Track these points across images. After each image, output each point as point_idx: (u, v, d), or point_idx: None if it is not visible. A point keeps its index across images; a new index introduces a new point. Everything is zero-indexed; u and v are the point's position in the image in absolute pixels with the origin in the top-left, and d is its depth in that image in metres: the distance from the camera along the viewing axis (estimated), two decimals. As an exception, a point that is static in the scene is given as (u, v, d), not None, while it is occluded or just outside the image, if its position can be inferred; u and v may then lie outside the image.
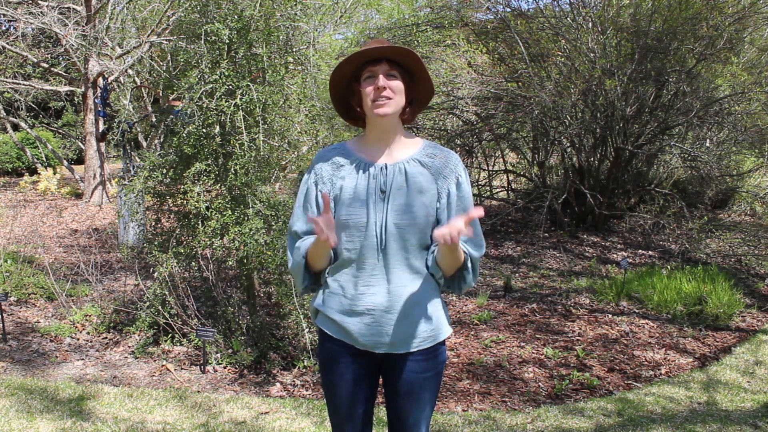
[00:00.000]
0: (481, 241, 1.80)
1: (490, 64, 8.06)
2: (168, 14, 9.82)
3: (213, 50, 3.69)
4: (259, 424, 3.21)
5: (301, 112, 3.98)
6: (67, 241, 7.72)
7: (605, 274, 6.21)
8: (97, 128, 11.05)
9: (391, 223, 1.74)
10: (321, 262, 1.80)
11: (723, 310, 4.86)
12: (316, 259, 1.79)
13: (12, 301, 5.07)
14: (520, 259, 6.94)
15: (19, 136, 15.41)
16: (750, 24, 7.14)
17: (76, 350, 4.22)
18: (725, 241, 7.48)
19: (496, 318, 5.01)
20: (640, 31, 6.76)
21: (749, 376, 3.91)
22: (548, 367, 4.05)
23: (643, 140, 7.55)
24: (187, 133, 3.72)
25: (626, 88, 6.93)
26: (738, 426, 3.21)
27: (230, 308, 4.09)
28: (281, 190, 4.93)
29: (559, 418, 3.32)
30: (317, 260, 1.79)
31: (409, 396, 1.83)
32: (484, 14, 8.61)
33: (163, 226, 4.15)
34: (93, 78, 10.71)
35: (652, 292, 5.28)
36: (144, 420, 3.22)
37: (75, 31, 9.98)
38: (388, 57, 1.73)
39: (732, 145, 8.20)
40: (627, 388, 3.74)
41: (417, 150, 1.83)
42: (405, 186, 1.76)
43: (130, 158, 6.53)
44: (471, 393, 3.65)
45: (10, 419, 3.18)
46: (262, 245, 3.64)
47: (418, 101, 1.85)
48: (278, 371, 3.85)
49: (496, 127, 7.93)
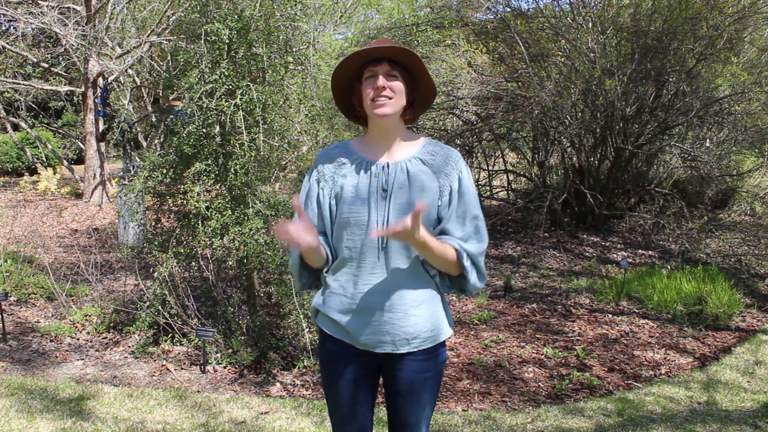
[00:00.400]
0: (482, 237, 1.78)
1: (490, 64, 8.05)
2: (168, 14, 9.81)
3: (213, 50, 3.69)
4: (259, 424, 3.21)
5: (301, 112, 3.98)
6: (67, 241, 7.73)
7: (605, 274, 6.21)
8: (97, 128, 11.05)
9: (392, 222, 1.74)
10: (315, 261, 1.81)
11: (723, 310, 4.86)
12: (309, 258, 1.80)
13: (12, 301, 5.07)
14: (520, 259, 6.94)
15: (19, 136, 15.41)
16: (750, 24, 7.14)
17: (76, 350, 4.22)
18: (725, 241, 7.48)
19: (496, 318, 5.01)
20: (640, 31, 6.76)
21: (749, 376, 3.91)
22: (548, 367, 4.05)
23: (643, 140, 7.55)
24: (187, 133, 3.72)
25: (626, 88, 6.93)
26: (738, 426, 3.21)
27: (230, 308, 4.09)
28: (281, 190, 4.93)
29: (559, 418, 3.32)
30: (311, 259, 1.81)
31: (409, 396, 1.83)
32: (484, 14, 8.61)
33: (163, 226, 4.15)
34: (93, 78, 10.71)
35: (652, 292, 5.28)
36: (144, 420, 3.22)
37: (75, 31, 9.98)
38: (389, 57, 1.73)
39: (732, 145, 8.20)
40: (627, 388, 3.74)
41: (418, 148, 1.83)
42: (407, 185, 1.76)
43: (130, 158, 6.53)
44: (471, 393, 3.65)
45: (10, 419, 3.18)
46: (262, 245, 3.64)
47: (420, 102, 1.84)
48: (278, 371, 3.85)
49: (496, 127, 7.93)
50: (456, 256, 1.74)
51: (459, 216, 1.76)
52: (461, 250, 1.74)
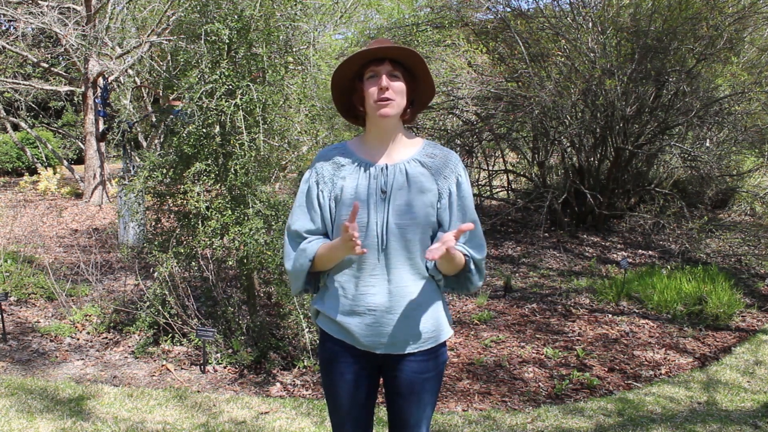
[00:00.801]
0: (481, 242, 1.81)
1: (490, 64, 8.05)
2: (168, 14, 9.81)
3: (213, 50, 3.69)
4: (259, 424, 3.21)
5: (301, 112, 3.98)
6: (67, 241, 7.73)
7: (605, 274, 6.21)
8: (97, 128, 11.05)
9: (392, 223, 1.74)
10: (332, 265, 1.79)
11: (723, 310, 4.86)
12: (329, 263, 1.77)
13: (12, 301, 5.07)
14: (520, 259, 6.94)
15: (19, 136, 15.41)
16: (750, 24, 7.14)
17: (76, 350, 4.22)
18: (725, 241, 7.48)
19: (496, 318, 5.01)
20: (640, 31, 6.76)
21: (749, 376, 3.91)
22: (548, 367, 4.05)
23: (643, 140, 7.55)
24: (187, 133, 3.72)
25: (626, 88, 6.94)
26: (738, 426, 3.21)
27: (230, 308, 4.09)
28: (281, 190, 4.93)
29: (559, 418, 3.32)
30: (329, 264, 1.78)
31: (409, 396, 1.83)
32: (484, 14, 8.61)
33: (163, 226, 4.15)
34: (93, 78, 10.71)
35: (652, 292, 5.28)
36: (144, 420, 3.22)
37: (75, 31, 9.98)
38: (392, 57, 1.73)
39: (732, 145, 8.21)
40: (627, 388, 3.74)
41: (417, 150, 1.83)
42: (406, 186, 1.76)
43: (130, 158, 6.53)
44: (471, 393, 3.65)
45: (10, 419, 3.18)
46: (262, 245, 3.64)
47: (419, 102, 1.85)
48: (278, 371, 3.85)
49: (496, 127, 7.93)
50: (464, 262, 1.76)
51: (461, 222, 1.77)
52: (469, 257, 1.76)
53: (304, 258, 1.78)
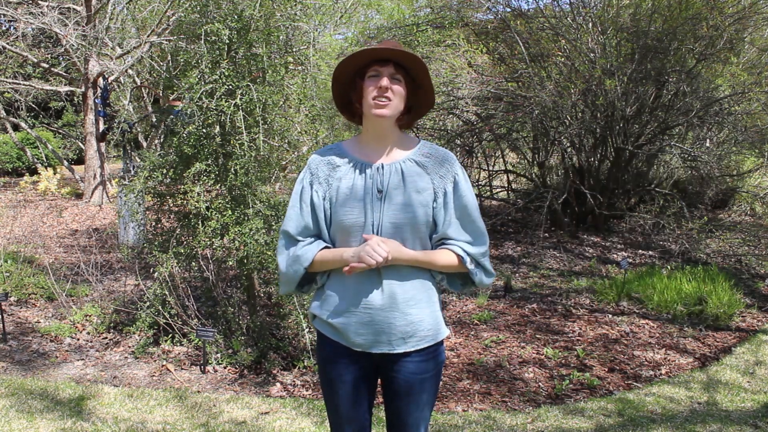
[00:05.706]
0: (478, 238, 1.80)
1: (490, 64, 8.05)
2: (168, 14, 9.81)
3: (213, 50, 3.69)
4: (260, 424, 3.21)
5: (301, 112, 3.98)
6: (67, 241, 7.73)
7: (605, 274, 6.21)
8: (97, 128, 11.05)
9: (388, 223, 1.74)
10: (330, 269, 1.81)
11: (723, 310, 4.86)
12: (328, 268, 1.79)
13: (12, 301, 5.07)
14: (520, 259, 6.94)
15: (19, 136, 15.40)
16: (750, 24, 7.14)
17: (76, 350, 4.22)
18: (725, 241, 7.48)
19: (496, 318, 5.01)
20: (640, 31, 6.76)
21: (749, 376, 3.91)
22: (548, 367, 4.04)
23: (643, 140, 7.55)
24: (187, 133, 3.72)
25: (626, 88, 6.93)
26: (738, 426, 3.21)
27: (230, 308, 4.09)
28: (281, 190, 4.93)
29: (559, 418, 3.32)
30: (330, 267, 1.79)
31: (407, 397, 1.83)
32: (484, 14, 8.62)
33: (163, 226, 4.15)
34: (93, 78, 10.71)
35: (652, 292, 5.28)
36: (144, 420, 3.22)
37: (75, 31, 9.97)
38: (397, 60, 1.74)
39: (732, 145, 8.20)
40: (627, 388, 3.74)
41: (413, 150, 1.83)
42: (402, 185, 1.77)
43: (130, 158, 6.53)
44: (471, 393, 3.65)
45: (10, 419, 3.18)
46: (262, 245, 3.64)
47: (416, 110, 1.85)
48: (278, 371, 3.85)
49: (496, 127, 7.93)
50: (459, 261, 1.76)
51: (458, 220, 1.77)
52: (464, 255, 1.77)
53: (299, 265, 1.78)
